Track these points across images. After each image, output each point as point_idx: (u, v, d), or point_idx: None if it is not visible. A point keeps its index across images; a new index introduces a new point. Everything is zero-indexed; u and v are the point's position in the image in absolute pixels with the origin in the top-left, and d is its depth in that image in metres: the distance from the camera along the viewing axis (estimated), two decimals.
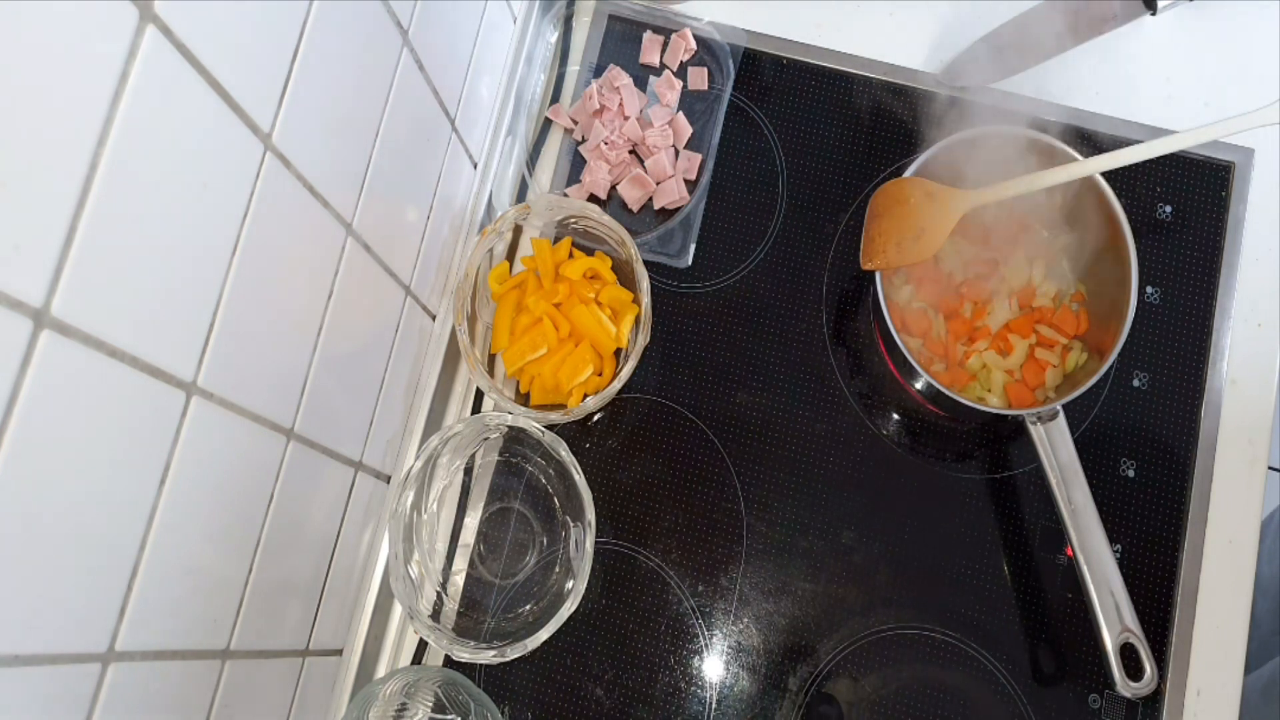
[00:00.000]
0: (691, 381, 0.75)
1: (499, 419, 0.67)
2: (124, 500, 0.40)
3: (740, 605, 0.71)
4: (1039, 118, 0.75)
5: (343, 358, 0.58)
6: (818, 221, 0.77)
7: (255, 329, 0.47)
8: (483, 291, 0.73)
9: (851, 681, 0.69)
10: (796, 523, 0.72)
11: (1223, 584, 0.69)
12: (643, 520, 0.72)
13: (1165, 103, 0.78)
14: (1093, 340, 0.69)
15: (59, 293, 0.33)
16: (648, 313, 0.69)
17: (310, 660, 0.62)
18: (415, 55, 0.59)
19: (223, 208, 0.42)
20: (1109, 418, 0.72)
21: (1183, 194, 0.76)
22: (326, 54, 0.48)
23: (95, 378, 0.36)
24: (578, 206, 0.72)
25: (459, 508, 0.73)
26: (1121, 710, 0.67)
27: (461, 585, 0.71)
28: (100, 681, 0.40)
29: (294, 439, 0.54)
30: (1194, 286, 0.74)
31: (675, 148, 0.77)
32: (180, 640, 0.46)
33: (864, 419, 0.74)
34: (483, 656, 0.63)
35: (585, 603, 0.65)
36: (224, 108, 0.40)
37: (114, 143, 0.34)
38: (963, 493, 0.72)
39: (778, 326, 0.75)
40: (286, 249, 0.48)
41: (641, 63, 0.80)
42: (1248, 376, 0.73)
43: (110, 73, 0.34)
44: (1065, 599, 0.70)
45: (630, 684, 0.70)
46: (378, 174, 0.57)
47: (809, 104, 0.79)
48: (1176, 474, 0.71)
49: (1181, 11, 0.76)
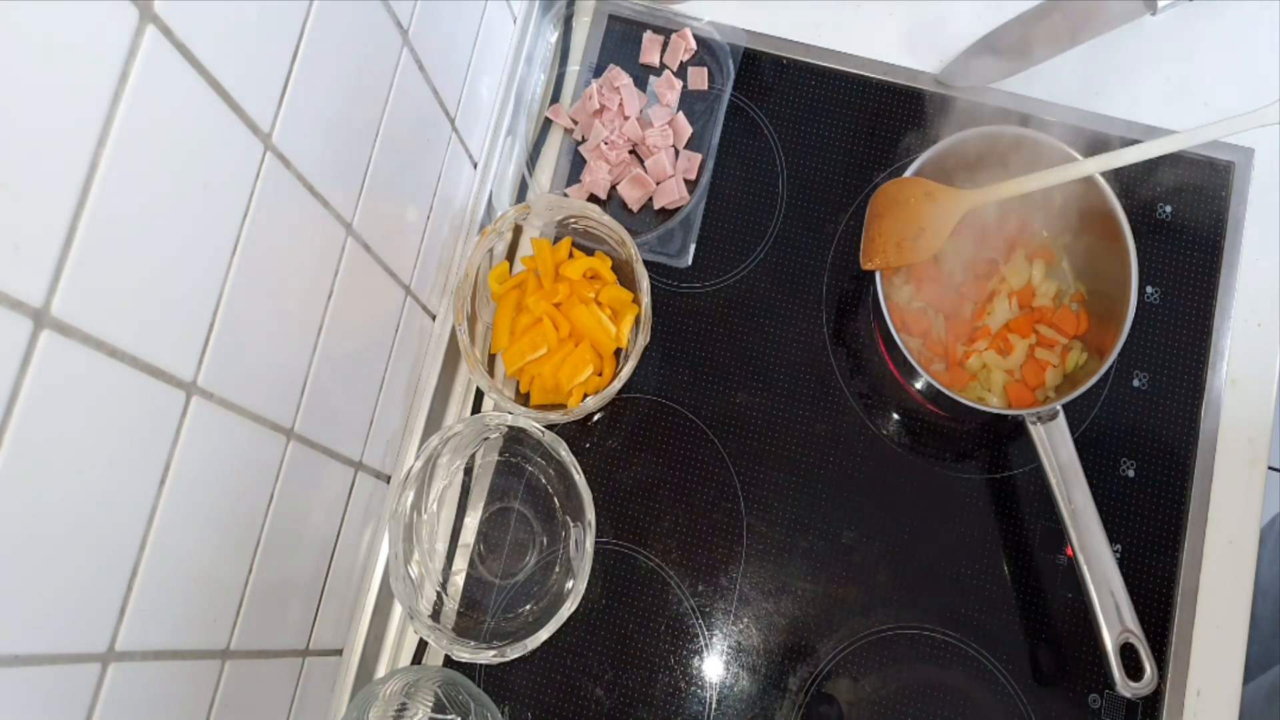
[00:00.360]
0: (691, 381, 0.75)
1: (499, 419, 0.67)
2: (124, 500, 0.40)
3: (740, 605, 0.71)
4: (1039, 118, 0.76)
5: (343, 357, 0.58)
6: (818, 221, 0.77)
7: (255, 329, 0.47)
8: (483, 291, 0.73)
9: (851, 681, 0.69)
10: (796, 523, 0.72)
11: (1223, 584, 0.69)
12: (643, 520, 0.72)
13: (1165, 103, 0.78)
14: (1093, 340, 0.69)
15: (59, 293, 0.33)
16: (648, 313, 0.69)
17: (310, 660, 0.62)
18: (415, 55, 0.59)
19: (223, 208, 0.42)
20: (1109, 418, 0.72)
21: (1183, 194, 0.76)
22: (326, 54, 0.48)
23: (95, 378, 0.36)
24: (578, 206, 0.72)
25: (459, 508, 0.73)
26: (1121, 710, 0.67)
27: (461, 585, 0.71)
28: (100, 681, 0.40)
29: (294, 439, 0.54)
30: (1194, 286, 0.74)
31: (675, 148, 0.77)
32: (180, 640, 0.46)
33: (864, 419, 0.74)
34: (483, 656, 0.63)
35: (585, 603, 0.65)
36: (224, 108, 0.40)
37: (114, 143, 0.34)
38: (963, 493, 0.72)
39: (778, 326, 0.75)
40: (286, 249, 0.48)
41: (641, 63, 0.80)
42: (1248, 376, 0.73)
43: (110, 73, 0.34)
44: (1065, 599, 0.70)
45: (630, 684, 0.70)
46: (378, 174, 0.57)
47: (809, 104, 0.79)
48: (1176, 474, 0.71)
49: (1181, 11, 0.76)
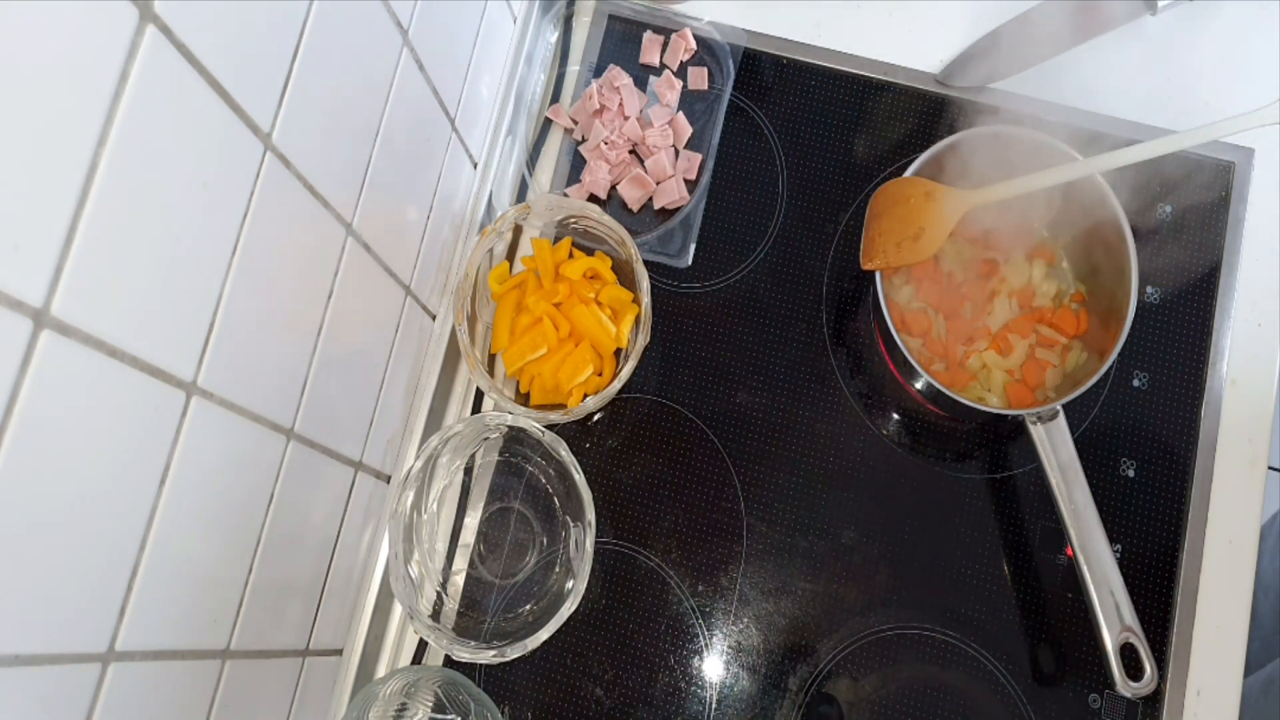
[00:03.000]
0: (691, 381, 0.75)
1: (499, 419, 0.67)
2: (124, 500, 0.40)
3: (740, 605, 0.71)
4: (1039, 118, 0.75)
5: (343, 357, 0.58)
6: (818, 221, 0.77)
7: (255, 329, 0.47)
8: (483, 291, 0.73)
9: (851, 681, 0.69)
10: (796, 523, 0.72)
11: (1223, 584, 0.69)
12: (643, 520, 0.72)
13: (1165, 103, 0.78)
14: (1093, 340, 0.69)
15: (59, 293, 0.33)
16: (648, 313, 0.69)
17: (310, 660, 0.62)
18: (415, 55, 0.59)
19: (223, 208, 0.42)
20: (1109, 418, 0.72)
21: (1183, 194, 0.76)
22: (326, 54, 0.48)
23: (95, 378, 0.36)
24: (578, 206, 0.72)
25: (459, 508, 0.73)
26: (1121, 710, 0.67)
27: (461, 585, 0.71)
28: (100, 681, 0.40)
29: (294, 439, 0.54)
30: (1194, 286, 0.74)
31: (675, 148, 0.77)
32: (180, 640, 0.46)
33: (864, 419, 0.74)
34: (483, 656, 0.63)
35: (585, 603, 0.65)
36: (224, 108, 0.40)
37: (114, 143, 0.34)
38: (963, 493, 0.72)
39: (778, 326, 0.75)
40: (286, 249, 0.48)
41: (641, 63, 0.80)
42: (1248, 376, 0.73)
43: (110, 73, 0.34)
44: (1065, 599, 0.70)
45: (630, 684, 0.70)
46: (378, 174, 0.57)
47: (809, 104, 0.79)
48: (1176, 474, 0.71)
49: (1181, 11, 0.76)
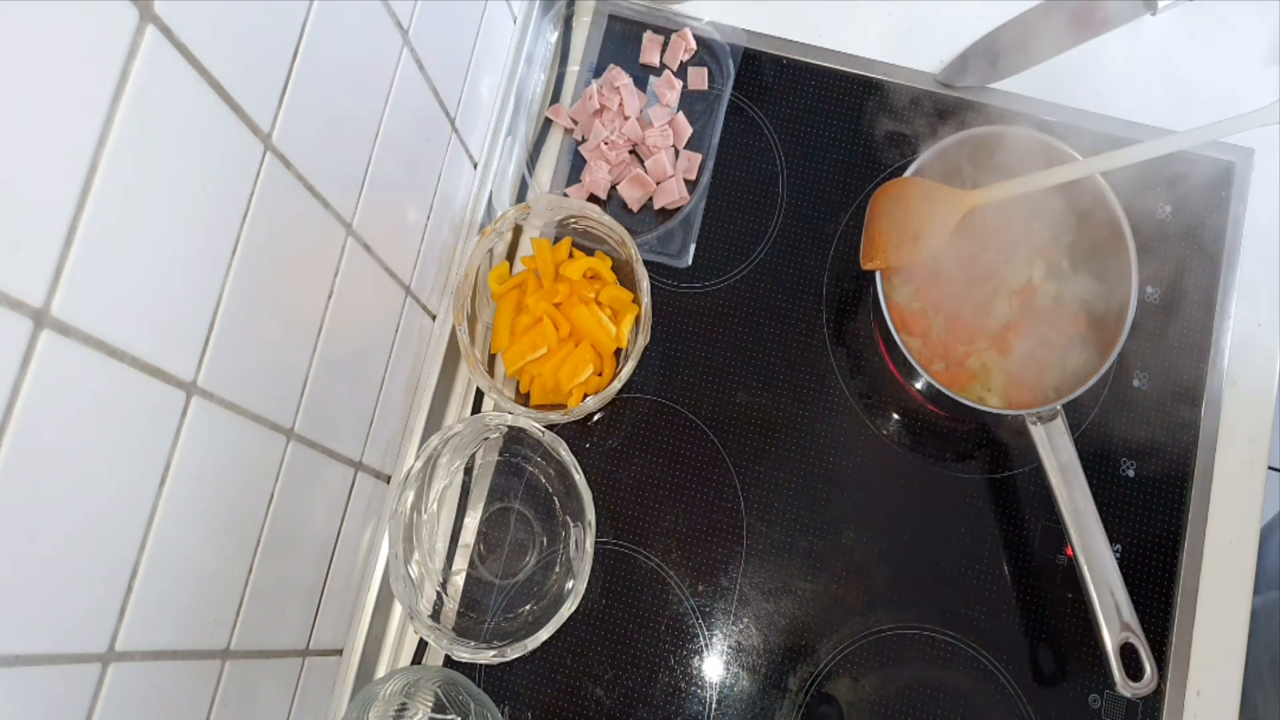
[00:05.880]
0: (691, 381, 0.75)
1: (499, 419, 0.67)
2: (124, 500, 0.40)
3: (740, 605, 0.71)
4: (1039, 118, 0.76)
5: (343, 358, 0.58)
6: (818, 221, 0.77)
7: (255, 329, 0.47)
8: (483, 291, 0.73)
9: (851, 681, 0.69)
10: (796, 523, 0.72)
11: (1223, 584, 0.69)
12: (643, 520, 0.72)
13: (1165, 103, 0.78)
14: (1093, 340, 0.69)
15: (59, 293, 0.33)
16: (648, 313, 0.69)
17: (310, 660, 0.62)
18: (415, 55, 0.59)
19: (223, 208, 0.42)
20: (1109, 418, 0.72)
21: (1183, 194, 0.76)
22: (326, 54, 0.48)
23: (95, 378, 0.36)
24: (578, 206, 0.72)
25: (459, 508, 0.73)
26: (1121, 710, 0.67)
27: (461, 585, 0.71)
28: (100, 681, 0.40)
29: (294, 439, 0.54)
30: (1194, 286, 0.74)
31: (675, 148, 0.77)
32: (180, 640, 0.46)
33: (864, 419, 0.74)
34: (483, 656, 0.63)
35: (585, 603, 0.65)
36: (224, 108, 0.40)
37: (114, 143, 0.34)
38: (963, 493, 0.72)
39: (778, 326, 0.75)
40: (286, 249, 0.48)
41: (641, 63, 0.80)
42: (1248, 376, 0.73)
43: (110, 73, 0.34)
44: (1065, 599, 0.70)
45: (630, 684, 0.70)
46: (378, 174, 0.57)
47: (809, 104, 0.79)
48: (1176, 474, 0.71)
49: (1181, 11, 0.76)
